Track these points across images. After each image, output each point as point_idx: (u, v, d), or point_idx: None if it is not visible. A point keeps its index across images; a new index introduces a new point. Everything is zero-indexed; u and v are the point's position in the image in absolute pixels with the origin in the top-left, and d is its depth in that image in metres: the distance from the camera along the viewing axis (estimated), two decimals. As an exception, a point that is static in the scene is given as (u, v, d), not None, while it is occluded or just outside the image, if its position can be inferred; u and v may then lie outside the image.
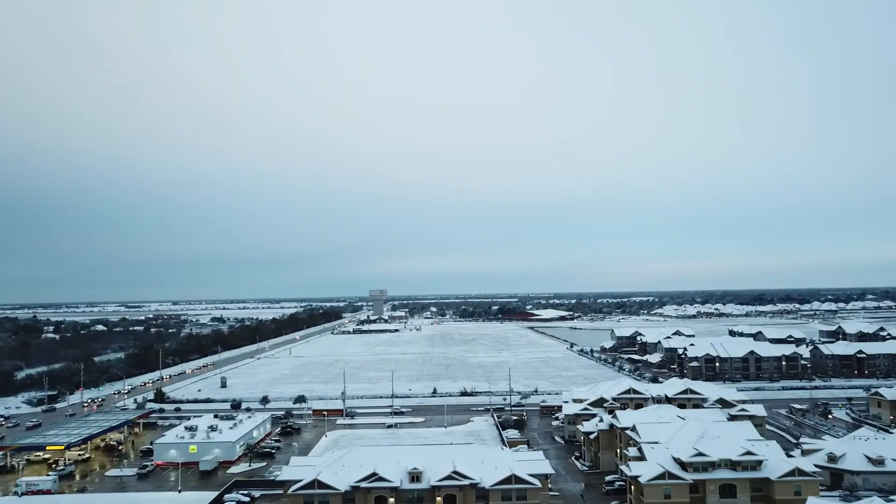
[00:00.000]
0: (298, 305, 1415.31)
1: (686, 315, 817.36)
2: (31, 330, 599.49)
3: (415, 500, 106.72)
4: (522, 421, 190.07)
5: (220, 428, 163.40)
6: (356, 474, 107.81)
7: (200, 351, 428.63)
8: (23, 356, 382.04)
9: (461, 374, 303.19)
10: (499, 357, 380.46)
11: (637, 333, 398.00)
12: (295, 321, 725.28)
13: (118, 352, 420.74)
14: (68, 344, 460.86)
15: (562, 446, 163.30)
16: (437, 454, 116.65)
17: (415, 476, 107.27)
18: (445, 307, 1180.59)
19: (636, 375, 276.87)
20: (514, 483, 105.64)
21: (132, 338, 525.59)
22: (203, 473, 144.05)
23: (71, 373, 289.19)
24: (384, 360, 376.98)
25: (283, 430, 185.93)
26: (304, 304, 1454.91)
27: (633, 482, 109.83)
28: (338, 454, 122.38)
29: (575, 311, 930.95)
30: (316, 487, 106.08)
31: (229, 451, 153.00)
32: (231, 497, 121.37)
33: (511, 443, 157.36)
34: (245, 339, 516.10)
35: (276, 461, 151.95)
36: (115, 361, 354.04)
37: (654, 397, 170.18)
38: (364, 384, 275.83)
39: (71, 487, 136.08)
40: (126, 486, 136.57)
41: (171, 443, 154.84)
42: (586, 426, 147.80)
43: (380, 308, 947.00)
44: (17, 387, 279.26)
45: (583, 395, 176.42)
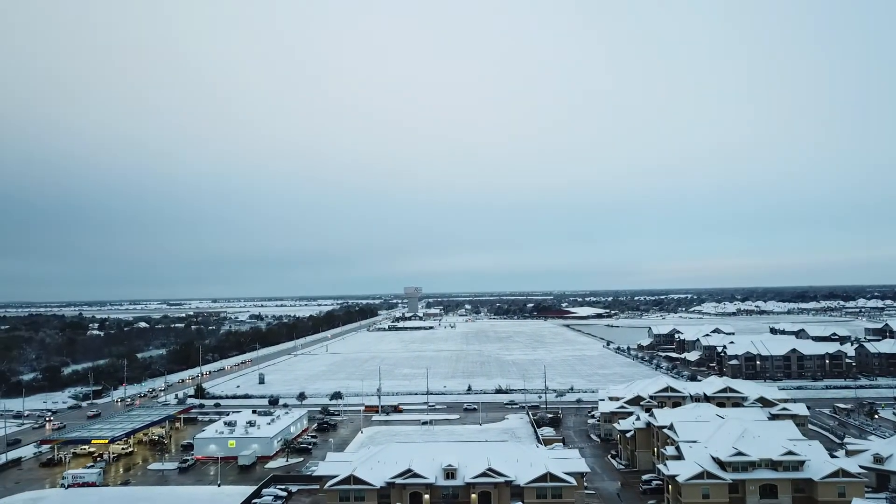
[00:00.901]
0: (335, 303, 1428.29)
1: (725, 312, 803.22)
2: (77, 327, 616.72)
3: (450, 496, 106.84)
4: (558, 419, 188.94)
5: (258, 423, 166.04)
6: (391, 470, 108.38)
7: (239, 348, 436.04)
8: (69, 353, 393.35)
9: (496, 372, 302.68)
10: (534, 355, 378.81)
11: (675, 331, 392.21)
12: (331, 318, 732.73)
13: (160, 348, 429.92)
14: (112, 341, 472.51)
15: (598, 444, 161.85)
16: (471, 451, 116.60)
17: (450, 473, 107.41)
18: (480, 304, 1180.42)
19: (674, 373, 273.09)
20: (550, 481, 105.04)
21: (173, 335, 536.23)
22: (242, 468, 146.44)
23: (115, 369, 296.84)
24: (419, 357, 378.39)
25: (320, 426, 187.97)
26: (341, 302, 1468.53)
27: (670, 481, 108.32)
28: (373, 450, 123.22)
29: (611, 309, 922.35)
30: (352, 483, 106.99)
31: (267, 446, 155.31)
32: (269, 491, 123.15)
33: (546, 440, 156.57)
34: (283, 336, 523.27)
35: (312, 457, 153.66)
36: (157, 358, 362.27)
37: (693, 396, 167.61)
38: (399, 381, 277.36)
39: (115, 480, 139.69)
40: (167, 479, 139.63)
41: (210, 438, 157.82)
42: (623, 424, 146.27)
43: (415, 305, 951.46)
44: (64, 382, 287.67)
45: (619, 393, 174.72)
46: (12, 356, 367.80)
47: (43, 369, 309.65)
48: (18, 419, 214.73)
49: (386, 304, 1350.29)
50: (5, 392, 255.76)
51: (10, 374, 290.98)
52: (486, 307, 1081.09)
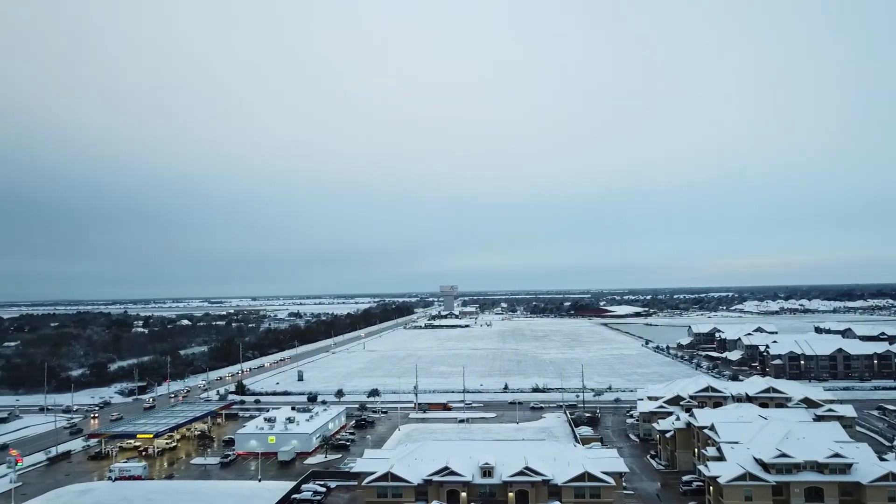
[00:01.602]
0: (372, 301, 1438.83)
1: (768, 311, 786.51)
2: (123, 324, 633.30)
3: (486, 494, 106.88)
4: (596, 418, 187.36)
5: (297, 420, 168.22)
6: (429, 468, 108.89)
7: (278, 345, 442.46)
8: (115, 349, 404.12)
9: (533, 371, 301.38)
10: (571, 354, 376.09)
11: (715, 330, 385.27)
12: (368, 316, 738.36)
13: (202, 345, 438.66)
14: (156, 338, 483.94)
15: (636, 444, 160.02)
16: (508, 450, 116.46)
17: (486, 471, 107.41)
18: (516, 303, 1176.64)
19: (714, 373, 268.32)
20: (588, 480, 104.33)
21: (215, 332, 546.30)
22: (281, 464, 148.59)
23: (159, 365, 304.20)
24: (455, 355, 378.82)
25: (358, 423, 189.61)
26: (378, 300, 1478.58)
27: (711, 483, 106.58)
28: (410, 447, 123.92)
29: (650, 307, 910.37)
30: (389, 480, 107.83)
31: (306, 442, 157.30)
32: (308, 487, 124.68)
33: (584, 440, 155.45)
34: (321, 333, 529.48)
35: (350, 453, 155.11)
36: (198, 354, 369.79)
37: (734, 396, 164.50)
38: (436, 379, 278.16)
39: (159, 474, 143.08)
40: (210, 473, 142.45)
41: (251, 433, 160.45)
42: (662, 424, 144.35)
43: (450, 304, 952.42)
44: (111, 378, 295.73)
45: (658, 393, 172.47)
46: (61, 353, 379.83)
47: (90, 365, 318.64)
48: (67, 413, 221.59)
49: (422, 303, 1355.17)
50: (55, 387, 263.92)
51: (60, 370, 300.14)
52: (522, 305, 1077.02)
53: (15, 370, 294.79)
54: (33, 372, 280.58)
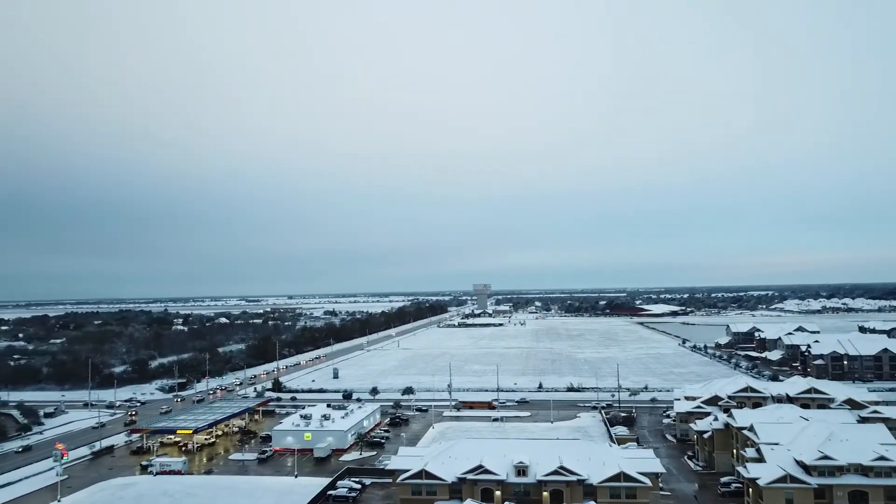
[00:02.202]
0: (405, 299, 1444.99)
1: (809, 310, 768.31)
2: (163, 322, 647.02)
3: (521, 493, 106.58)
4: (631, 418, 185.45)
5: (332, 417, 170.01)
6: (463, 466, 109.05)
7: (314, 343, 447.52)
8: (156, 346, 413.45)
9: (567, 370, 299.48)
10: (606, 353, 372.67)
11: (755, 329, 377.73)
12: (402, 315, 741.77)
13: (239, 343, 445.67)
14: (195, 335, 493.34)
15: (673, 445, 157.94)
16: (543, 449, 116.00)
17: (521, 470, 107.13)
18: (550, 302, 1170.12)
19: (754, 373, 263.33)
20: (623, 481, 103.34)
21: (252, 330, 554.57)
22: (317, 460, 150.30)
23: (198, 362, 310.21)
24: (489, 353, 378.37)
25: (392, 421, 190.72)
26: (411, 298, 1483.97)
27: (750, 484, 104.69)
28: (445, 445, 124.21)
29: (687, 306, 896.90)
30: (424, 477, 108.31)
31: (341, 439, 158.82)
32: (343, 483, 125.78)
33: (619, 440, 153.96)
34: (355, 331, 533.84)
35: (385, 450, 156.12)
36: (236, 352, 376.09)
37: (774, 396, 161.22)
38: (469, 377, 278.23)
39: (199, 469, 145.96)
40: (247, 469, 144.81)
41: (287, 430, 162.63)
42: (699, 425, 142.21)
43: (484, 302, 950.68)
44: (152, 374, 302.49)
45: (696, 393, 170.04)
46: (105, 350, 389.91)
47: (132, 362, 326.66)
48: (111, 409, 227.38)
49: (455, 301, 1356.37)
50: (98, 383, 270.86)
51: (103, 367, 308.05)
52: (556, 304, 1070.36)
53: (61, 366, 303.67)
54: (78, 368, 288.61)
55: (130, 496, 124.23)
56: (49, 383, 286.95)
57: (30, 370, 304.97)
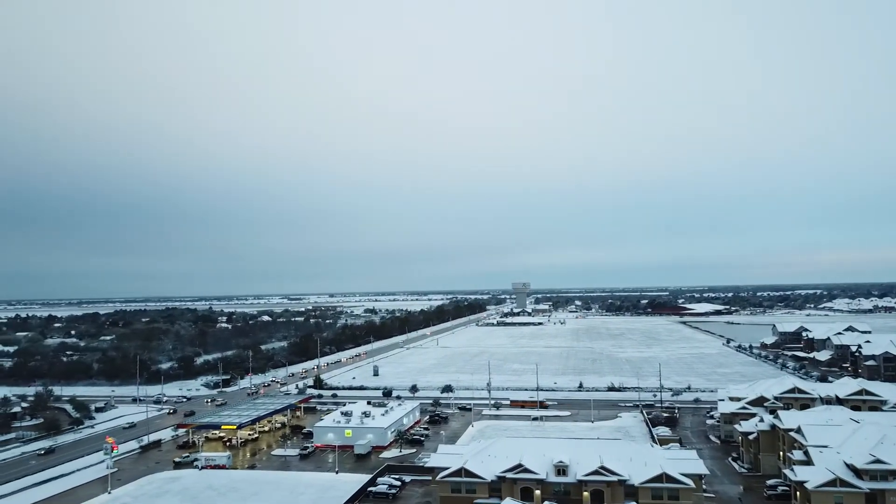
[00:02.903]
0: (444, 298, 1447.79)
1: (860, 309, 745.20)
2: (208, 320, 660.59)
3: (561, 493, 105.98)
4: (674, 418, 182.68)
5: (372, 414, 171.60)
6: (502, 464, 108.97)
7: (354, 340, 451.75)
8: (201, 343, 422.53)
9: (608, 369, 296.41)
10: (648, 352, 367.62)
11: (802, 329, 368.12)
12: (441, 313, 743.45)
13: (281, 341, 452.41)
14: (239, 333, 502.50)
15: (717, 446, 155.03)
16: (583, 448, 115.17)
17: (561, 469, 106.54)
18: (591, 301, 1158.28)
19: (801, 374, 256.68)
20: (665, 482, 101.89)
21: (294, 328, 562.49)
22: (358, 457, 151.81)
23: (241, 359, 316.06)
24: (528, 352, 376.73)
25: (432, 419, 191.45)
26: (450, 297, 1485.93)
27: (798, 488, 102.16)
28: (484, 444, 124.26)
29: (731, 305, 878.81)
30: (463, 475, 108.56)
31: (381, 436, 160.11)
32: (384, 480, 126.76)
33: (662, 440, 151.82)
34: (395, 329, 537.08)
35: (424, 448, 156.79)
36: (278, 349, 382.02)
37: (823, 398, 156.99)
38: (508, 376, 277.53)
39: (242, 464, 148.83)
40: (289, 465, 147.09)
41: (328, 426, 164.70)
42: (744, 426, 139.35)
43: (523, 301, 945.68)
44: (197, 371, 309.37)
45: (741, 394, 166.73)
46: (152, 346, 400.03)
47: (178, 359, 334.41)
48: (158, 404, 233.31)
49: (494, 300, 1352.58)
50: (146, 379, 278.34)
51: (151, 363, 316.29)
52: (597, 303, 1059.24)
53: (111, 363, 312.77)
54: (127, 364, 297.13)
55: (177, 489, 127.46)
56: (100, 379, 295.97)
57: (81, 366, 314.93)
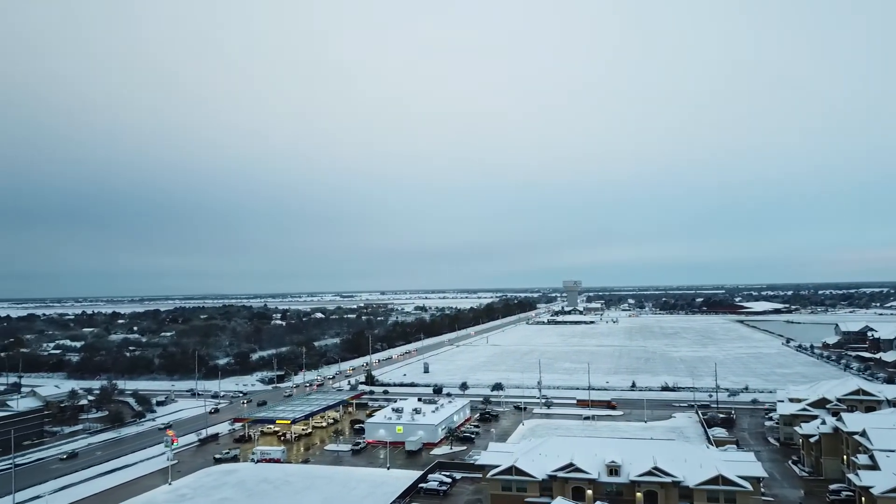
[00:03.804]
0: (494, 296, 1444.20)
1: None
2: (263, 317, 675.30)
3: (613, 493, 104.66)
4: (731, 419, 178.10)
5: (423, 411, 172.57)
6: (553, 463, 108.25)
7: (405, 338, 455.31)
8: (256, 340, 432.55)
9: (662, 369, 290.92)
10: (703, 352, 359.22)
11: (867, 328, 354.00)
12: (491, 311, 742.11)
13: (334, 337, 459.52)
14: (293, 330, 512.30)
15: (776, 449, 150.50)
16: (636, 448, 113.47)
17: (613, 469, 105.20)
18: (644, 299, 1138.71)
19: (866, 375, 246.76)
20: (722, 484, 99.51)
21: (346, 325, 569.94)
22: (408, 453, 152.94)
23: (295, 355, 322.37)
24: (579, 351, 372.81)
25: (482, 417, 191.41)
26: (500, 295, 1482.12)
27: (863, 493, 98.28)
28: (535, 442, 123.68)
29: (791, 304, 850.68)
30: (513, 474, 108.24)
31: (432, 433, 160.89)
32: (434, 477, 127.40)
33: (718, 441, 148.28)
34: (445, 327, 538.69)
35: (475, 446, 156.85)
36: (331, 346, 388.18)
37: (890, 400, 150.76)
38: (559, 375, 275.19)
39: (296, 458, 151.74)
40: (342, 460, 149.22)
41: (380, 423, 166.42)
42: (805, 428, 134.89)
43: (574, 299, 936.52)
44: (252, 367, 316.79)
45: (801, 395, 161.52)
46: (210, 342, 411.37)
47: (235, 355, 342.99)
48: (215, 399, 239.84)
49: (544, 298, 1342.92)
50: (204, 374, 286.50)
51: (209, 359, 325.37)
52: (650, 302, 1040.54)
53: (171, 358, 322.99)
54: (186, 360, 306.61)
55: (233, 482, 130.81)
56: (160, 373, 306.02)
57: (143, 361, 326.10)
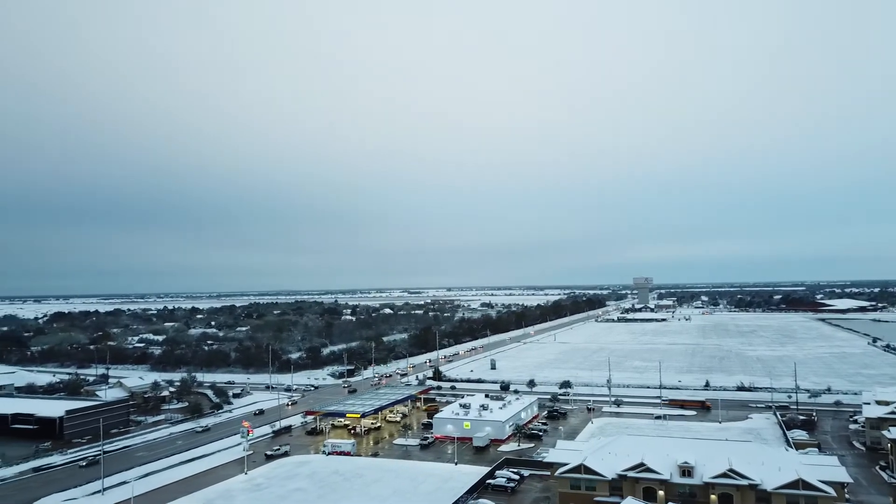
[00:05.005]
0: (562, 293, 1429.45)
1: None
2: (333, 313, 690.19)
3: (686, 495, 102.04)
4: (812, 421, 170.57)
5: (490, 407, 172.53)
6: (623, 462, 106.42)
7: (471, 334, 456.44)
8: (327, 335, 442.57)
9: (737, 368, 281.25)
10: (782, 351, 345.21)
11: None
12: (559, 308, 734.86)
13: (402, 333, 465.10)
14: (362, 325, 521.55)
15: (861, 453, 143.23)
16: (710, 449, 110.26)
17: (686, 470, 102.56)
18: (718, 296, 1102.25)
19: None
20: (802, 488, 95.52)
21: (413, 320, 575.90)
22: (476, 449, 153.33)
23: (364, 350, 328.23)
24: (651, 349, 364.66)
25: (550, 414, 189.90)
26: (567, 292, 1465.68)
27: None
28: (604, 441, 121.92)
29: (878, 301, 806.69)
30: (583, 472, 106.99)
31: (499, 430, 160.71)
32: (502, 473, 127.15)
33: (798, 444, 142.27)
34: (511, 324, 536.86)
35: (543, 443, 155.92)
36: (399, 341, 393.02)
37: None
38: (629, 373, 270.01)
39: (366, 451, 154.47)
40: (410, 454, 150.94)
41: (447, 418, 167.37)
42: (894, 432, 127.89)
43: (645, 296, 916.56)
44: (324, 361, 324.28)
45: (890, 397, 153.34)
46: (283, 337, 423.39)
47: (307, 349, 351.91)
48: (288, 392, 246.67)
49: (614, 295, 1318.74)
50: (278, 368, 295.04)
51: (282, 353, 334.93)
52: (725, 299, 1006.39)
53: (246, 352, 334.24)
54: (260, 354, 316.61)
55: (305, 473, 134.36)
56: (236, 367, 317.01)
57: (220, 354, 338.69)
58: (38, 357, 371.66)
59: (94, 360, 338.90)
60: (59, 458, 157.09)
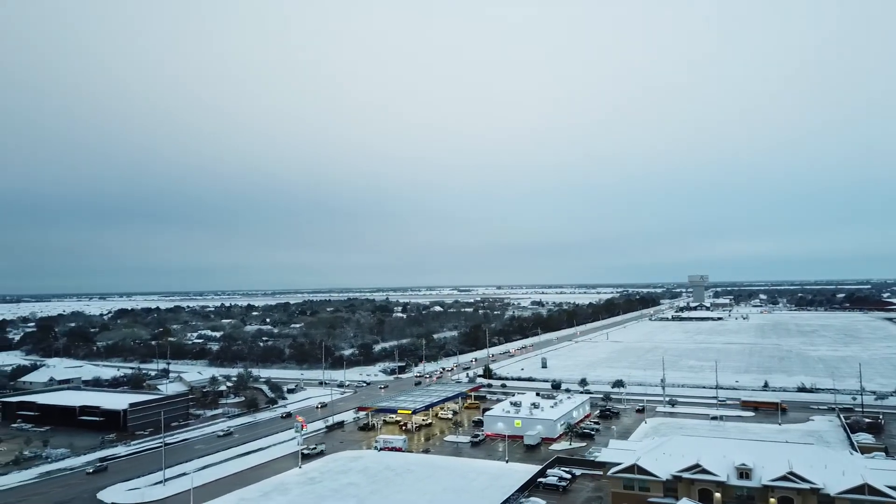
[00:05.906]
0: (614, 291, 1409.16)
1: None
2: (385, 310, 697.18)
3: (744, 497, 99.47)
4: (878, 424, 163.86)
5: (541, 406, 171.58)
6: (678, 463, 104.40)
7: (522, 332, 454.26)
8: (378, 332, 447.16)
9: (798, 369, 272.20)
10: (845, 351, 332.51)
11: None
12: (611, 306, 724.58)
13: (452, 330, 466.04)
14: (412, 322, 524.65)
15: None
16: (768, 451, 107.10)
17: (743, 472, 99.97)
18: (777, 294, 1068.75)
19: None
20: (868, 494, 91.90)
21: (463, 318, 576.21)
22: (527, 447, 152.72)
23: (415, 347, 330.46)
24: (706, 349, 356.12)
25: (602, 413, 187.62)
26: (620, 290, 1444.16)
27: None
28: (658, 441, 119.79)
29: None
30: (636, 472, 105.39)
31: (551, 428, 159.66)
32: (553, 472, 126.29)
33: (863, 448, 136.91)
34: (563, 322, 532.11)
35: (595, 442, 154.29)
36: (449, 339, 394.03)
37: None
38: (684, 373, 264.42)
39: (417, 447, 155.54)
40: (461, 451, 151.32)
41: (498, 416, 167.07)
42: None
43: (700, 294, 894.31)
44: (375, 357, 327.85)
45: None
46: (335, 334, 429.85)
47: (359, 346, 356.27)
48: (341, 388, 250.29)
49: (668, 293, 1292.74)
50: (330, 364, 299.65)
51: (334, 349, 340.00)
52: (784, 297, 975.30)
53: (300, 348, 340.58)
54: (314, 350, 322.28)
55: (358, 468, 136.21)
56: (290, 362, 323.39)
57: (275, 350, 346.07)
58: (103, 352, 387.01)
59: (156, 355, 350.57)
60: (123, 448, 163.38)
